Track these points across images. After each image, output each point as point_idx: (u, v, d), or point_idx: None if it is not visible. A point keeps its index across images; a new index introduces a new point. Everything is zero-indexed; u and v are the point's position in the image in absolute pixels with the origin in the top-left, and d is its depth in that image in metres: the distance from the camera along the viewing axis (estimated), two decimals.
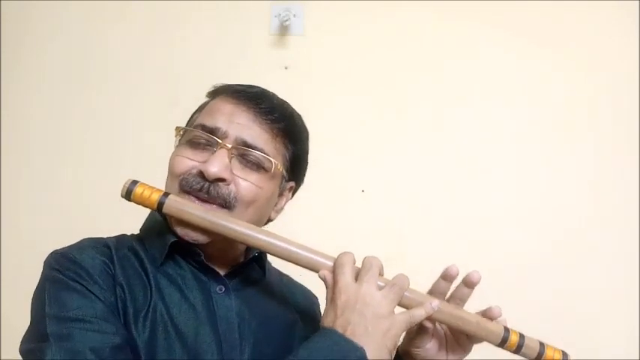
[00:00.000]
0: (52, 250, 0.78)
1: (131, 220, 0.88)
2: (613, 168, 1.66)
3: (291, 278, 0.99)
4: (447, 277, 0.78)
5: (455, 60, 1.74)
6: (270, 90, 0.89)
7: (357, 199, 1.68)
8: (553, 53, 1.71)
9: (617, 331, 1.57)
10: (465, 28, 1.74)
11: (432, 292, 0.79)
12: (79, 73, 1.78)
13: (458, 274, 0.78)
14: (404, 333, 0.81)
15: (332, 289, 0.71)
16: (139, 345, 0.71)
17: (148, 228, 0.86)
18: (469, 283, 0.78)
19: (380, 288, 0.71)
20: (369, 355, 0.65)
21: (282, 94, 0.90)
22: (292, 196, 0.92)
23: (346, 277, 0.70)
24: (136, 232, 0.88)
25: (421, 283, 0.79)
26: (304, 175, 0.92)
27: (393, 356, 0.70)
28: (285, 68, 1.75)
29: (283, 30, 1.75)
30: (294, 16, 1.74)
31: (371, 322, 0.67)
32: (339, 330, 0.67)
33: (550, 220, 1.64)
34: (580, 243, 1.62)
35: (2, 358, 1.49)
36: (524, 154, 1.69)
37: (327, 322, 0.69)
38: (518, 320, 0.81)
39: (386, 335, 0.68)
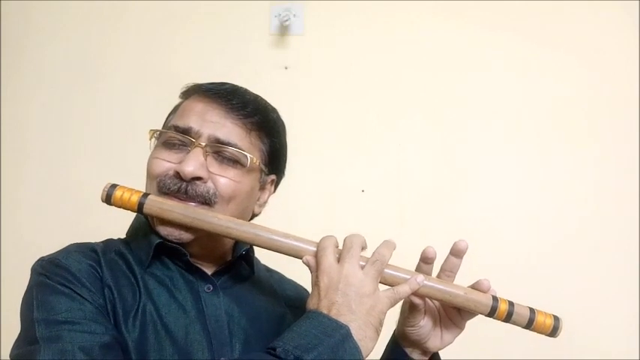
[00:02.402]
0: (41, 256, 0.78)
1: (131, 221, 0.88)
2: (613, 168, 1.66)
3: (281, 275, 0.99)
4: (426, 259, 0.79)
5: (454, 60, 1.73)
6: (270, 90, 0.89)
7: (357, 199, 1.68)
8: (553, 53, 1.71)
9: (617, 331, 1.57)
10: (465, 28, 1.74)
11: None
12: (79, 73, 1.78)
13: (436, 256, 0.78)
14: (400, 314, 0.82)
15: (315, 272, 0.72)
16: (130, 345, 0.71)
17: (134, 230, 0.86)
18: (457, 252, 0.78)
19: (362, 267, 0.71)
20: (354, 332, 0.66)
21: (282, 94, 0.90)
22: (275, 189, 0.93)
23: (328, 259, 0.71)
24: None
25: None
26: (284, 167, 0.93)
27: (379, 333, 0.70)
28: (285, 68, 1.75)
29: (283, 30, 1.75)
30: (294, 16, 1.74)
31: (354, 301, 0.68)
32: (324, 311, 0.67)
33: (550, 220, 1.64)
34: (580, 243, 1.62)
35: (2, 358, 1.49)
36: (524, 154, 1.69)
37: (311, 304, 0.70)
38: None
39: (370, 313, 0.68)
